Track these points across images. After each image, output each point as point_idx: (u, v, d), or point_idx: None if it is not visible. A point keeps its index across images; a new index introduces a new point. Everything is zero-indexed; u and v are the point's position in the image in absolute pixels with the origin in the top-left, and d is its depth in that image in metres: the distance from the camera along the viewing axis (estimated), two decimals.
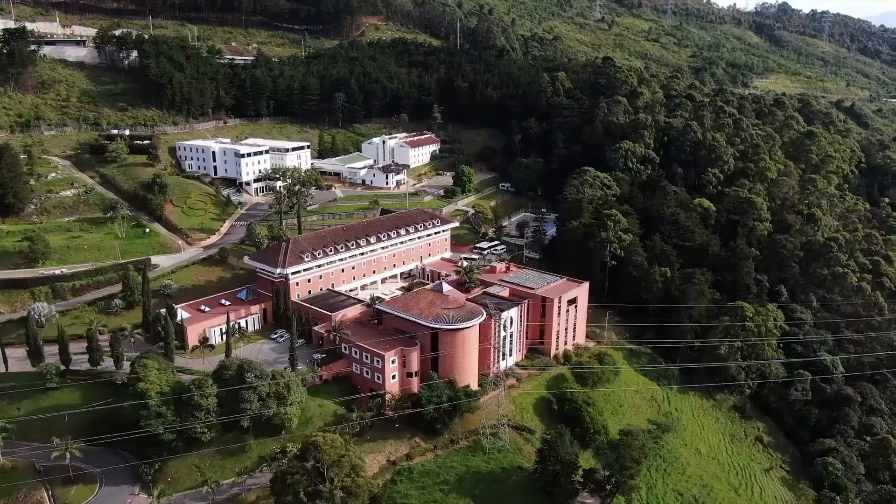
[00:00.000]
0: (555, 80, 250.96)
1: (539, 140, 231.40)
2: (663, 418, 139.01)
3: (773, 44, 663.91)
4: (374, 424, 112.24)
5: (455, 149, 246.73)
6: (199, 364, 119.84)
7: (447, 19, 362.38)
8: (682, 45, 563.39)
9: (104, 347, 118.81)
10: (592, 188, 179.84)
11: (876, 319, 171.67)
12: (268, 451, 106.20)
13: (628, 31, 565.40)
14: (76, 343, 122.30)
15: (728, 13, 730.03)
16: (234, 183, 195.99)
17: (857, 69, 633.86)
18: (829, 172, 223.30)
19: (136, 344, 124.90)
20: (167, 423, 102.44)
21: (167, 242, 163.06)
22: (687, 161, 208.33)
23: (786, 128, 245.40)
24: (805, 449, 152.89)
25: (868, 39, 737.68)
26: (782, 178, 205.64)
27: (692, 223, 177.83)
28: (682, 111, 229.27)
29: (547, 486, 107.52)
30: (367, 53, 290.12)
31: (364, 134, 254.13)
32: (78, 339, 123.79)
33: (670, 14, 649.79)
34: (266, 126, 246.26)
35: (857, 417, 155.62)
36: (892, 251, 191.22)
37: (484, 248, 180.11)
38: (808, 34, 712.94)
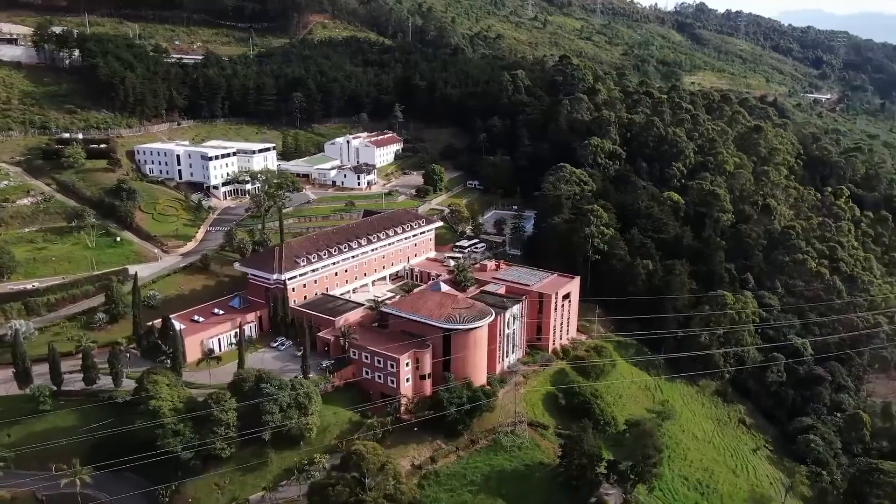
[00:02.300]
0: (514, 78, 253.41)
1: (503, 138, 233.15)
2: (660, 406, 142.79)
3: (694, 42, 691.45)
4: (393, 429, 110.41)
5: (418, 148, 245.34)
6: (205, 377, 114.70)
7: (394, 18, 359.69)
8: (613, 44, 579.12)
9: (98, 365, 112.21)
10: (569, 184, 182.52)
11: (836, 302, 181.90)
12: (290, 463, 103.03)
13: (562, 30, 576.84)
14: (63, 361, 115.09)
15: (651, 13, 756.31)
16: (201, 187, 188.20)
17: (772, 66, 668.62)
18: (776, 164, 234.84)
19: (131, 359, 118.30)
20: (185, 441, 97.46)
21: (142, 251, 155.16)
22: (650, 156, 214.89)
23: (734, 122, 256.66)
24: (784, 428, 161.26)
25: (780, 38, 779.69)
26: (739, 171, 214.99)
27: (665, 216, 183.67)
28: (642, 107, 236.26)
29: (571, 480, 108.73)
30: (321, 52, 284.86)
31: (324, 134, 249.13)
32: (63, 356, 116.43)
33: (599, 13, 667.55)
34: (222, 127, 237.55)
35: (828, 395, 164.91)
36: (843, 237, 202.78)
37: (465, 247, 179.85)
38: (726, 33, 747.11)
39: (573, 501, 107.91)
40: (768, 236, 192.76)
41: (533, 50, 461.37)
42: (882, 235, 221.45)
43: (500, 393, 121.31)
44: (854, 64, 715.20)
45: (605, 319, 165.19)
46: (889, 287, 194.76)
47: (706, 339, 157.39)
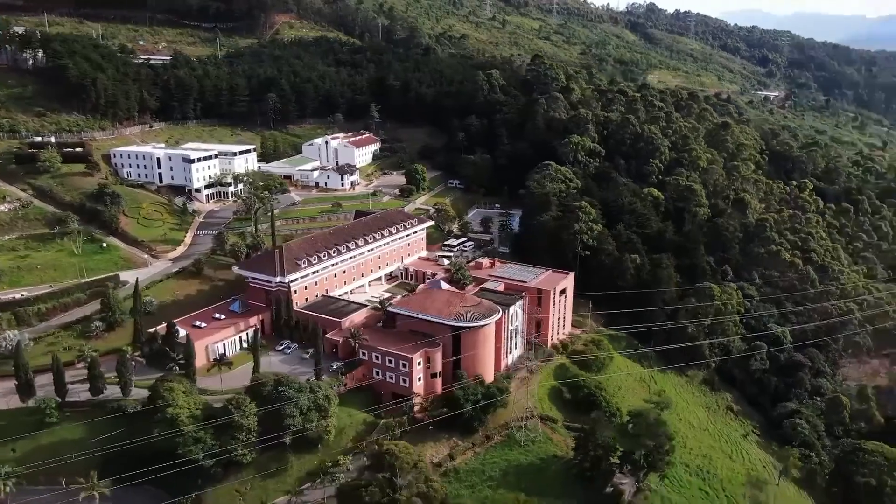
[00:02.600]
0: (489, 77, 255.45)
1: (481, 137, 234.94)
2: (656, 397, 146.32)
3: (647, 41, 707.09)
4: (410, 429, 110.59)
5: (395, 148, 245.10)
6: (215, 383, 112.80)
7: (360, 18, 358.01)
8: (570, 43, 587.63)
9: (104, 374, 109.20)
10: (555, 182, 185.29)
11: (810, 291, 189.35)
12: (309, 466, 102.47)
13: (520, 30, 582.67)
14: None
15: (604, 13, 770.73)
16: (182, 190, 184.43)
17: (722, 65, 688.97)
18: (744, 160, 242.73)
19: (136, 367, 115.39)
20: (207, 448, 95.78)
21: (131, 257, 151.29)
22: (628, 153, 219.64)
23: (702, 119, 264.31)
24: (768, 414, 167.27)
25: (727, 37, 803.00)
26: (711, 167, 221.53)
27: (647, 212, 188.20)
28: (617, 106, 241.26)
29: (586, 472, 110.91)
30: (293, 52, 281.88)
31: (300, 135, 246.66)
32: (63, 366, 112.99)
33: (555, 13, 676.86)
34: (195, 129, 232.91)
35: (808, 381, 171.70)
36: (812, 229, 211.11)
37: (454, 246, 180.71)
38: (677, 32, 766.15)
39: (588, 492, 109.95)
40: (744, 229, 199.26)
41: (495, 49, 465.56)
42: (845, 226, 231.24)
43: (512, 388, 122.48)
44: (798, 62, 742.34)
45: (596, 314, 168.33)
46: (857, 276, 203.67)
47: (694, 331, 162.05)
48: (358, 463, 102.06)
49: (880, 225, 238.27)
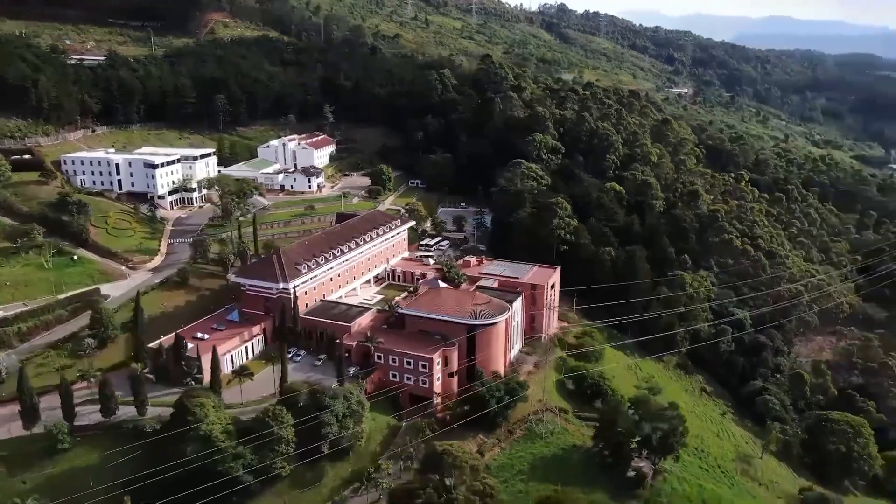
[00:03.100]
0: (442, 77, 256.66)
1: (440, 136, 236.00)
2: (644, 383, 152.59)
3: (562, 41, 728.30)
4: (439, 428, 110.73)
5: (351, 149, 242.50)
6: (235, 395, 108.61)
7: (296, 17, 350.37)
8: (493, 42, 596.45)
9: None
10: (527, 179, 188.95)
11: (763, 276, 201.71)
12: (343, 474, 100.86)
13: (443, 30, 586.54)
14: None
15: (520, 13, 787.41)
16: (144, 198, 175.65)
17: (634, 63, 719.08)
18: (686, 154, 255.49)
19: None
20: (247, 463, 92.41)
21: (107, 269, 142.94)
22: (585, 150, 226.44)
23: (645, 116, 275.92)
24: (737, 392, 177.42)
25: (635, 37, 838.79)
26: (661, 161, 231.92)
27: (614, 206, 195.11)
28: (570, 104, 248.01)
29: (607, 459, 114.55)
30: (236, 52, 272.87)
31: (251, 137, 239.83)
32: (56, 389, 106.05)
33: (474, 13, 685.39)
34: (140, 133, 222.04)
35: (770, 360, 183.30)
36: (756, 217, 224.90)
37: (431, 245, 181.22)
38: (589, 32, 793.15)
39: (611, 478, 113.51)
40: (698, 220, 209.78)
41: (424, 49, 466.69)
42: (781, 214, 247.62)
43: (529, 382, 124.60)
44: (701, 61, 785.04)
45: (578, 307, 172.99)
46: (799, 260, 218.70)
47: (669, 319, 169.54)
48: (395, 467, 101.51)
49: (809, 212, 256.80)
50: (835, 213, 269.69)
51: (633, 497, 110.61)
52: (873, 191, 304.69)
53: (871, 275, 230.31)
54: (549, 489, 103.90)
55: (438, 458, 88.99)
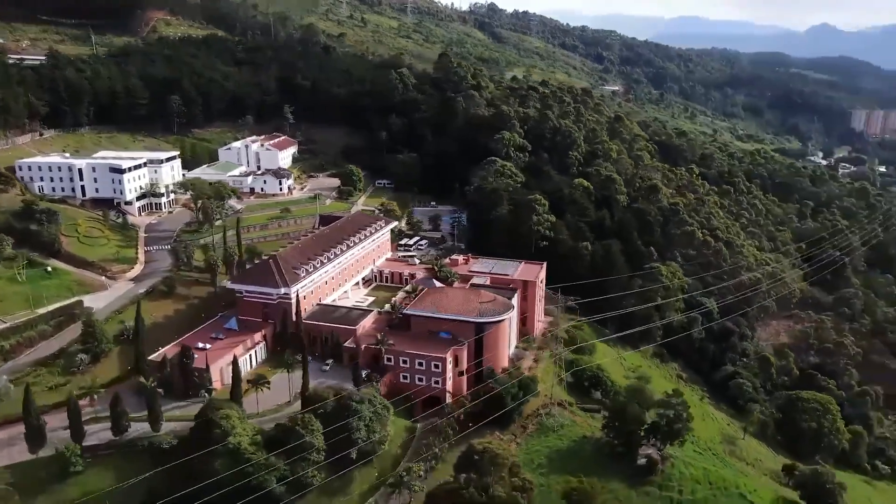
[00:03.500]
0: (402, 76, 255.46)
1: (404, 136, 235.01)
2: (633, 373, 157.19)
3: (495, 40, 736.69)
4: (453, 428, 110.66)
5: (314, 149, 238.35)
6: (250, 405, 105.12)
7: (241, 15, 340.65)
8: (430, 42, 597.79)
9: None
10: (502, 177, 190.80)
11: (724, 266, 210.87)
12: (369, 478, 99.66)
13: (380, 28, 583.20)
14: (56, 413, 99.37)
15: (452, 12, 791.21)
16: (110, 203, 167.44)
17: (565, 62, 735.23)
18: (640, 149, 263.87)
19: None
20: (281, 474, 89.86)
21: (85, 280, 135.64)
22: (549, 147, 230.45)
23: (599, 113, 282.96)
24: (710, 377, 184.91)
25: (565, 36, 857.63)
26: (621, 157, 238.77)
27: (585, 201, 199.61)
28: (532, 102, 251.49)
29: (617, 447, 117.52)
30: (186, 51, 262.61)
31: (208, 139, 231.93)
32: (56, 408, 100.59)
33: (409, 12, 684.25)
34: (91, 136, 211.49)
35: (738, 345, 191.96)
36: (711, 209, 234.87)
37: (410, 245, 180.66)
38: (520, 31, 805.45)
39: (624, 466, 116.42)
40: (661, 213, 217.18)
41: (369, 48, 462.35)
42: (731, 206, 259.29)
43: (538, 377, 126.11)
44: (628, 59, 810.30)
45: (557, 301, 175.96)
46: (753, 249, 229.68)
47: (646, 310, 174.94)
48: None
49: (755, 203, 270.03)
50: (777, 203, 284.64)
51: (648, 483, 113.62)
52: (806, 182, 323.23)
53: (814, 262, 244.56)
54: (570, 481, 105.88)
55: (479, 456, 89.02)
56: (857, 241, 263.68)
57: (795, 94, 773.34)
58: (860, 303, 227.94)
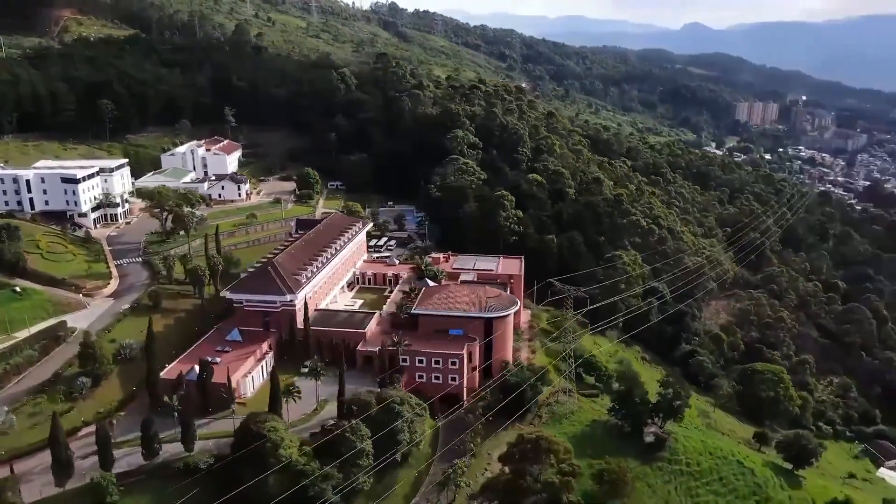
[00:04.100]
0: (343, 76, 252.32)
1: (351, 137, 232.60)
2: (611, 357, 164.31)
3: (401, 39, 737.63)
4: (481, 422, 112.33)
5: (258, 153, 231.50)
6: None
7: (154, 14, 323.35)
8: (340, 41, 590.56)
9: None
10: (466, 174, 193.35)
11: (669, 250, 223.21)
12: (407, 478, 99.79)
13: (288, 28, 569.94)
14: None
15: (355, 11, 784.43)
16: (63, 216, 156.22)
17: (471, 60, 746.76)
18: (576, 144, 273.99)
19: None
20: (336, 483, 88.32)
21: (60, 300, 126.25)
22: (497, 144, 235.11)
23: (532, 109, 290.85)
24: (669, 357, 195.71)
25: (467, 35, 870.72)
26: (564, 152, 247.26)
27: (543, 196, 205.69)
28: (477, 100, 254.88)
29: (625, 427, 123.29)
30: (109, 52, 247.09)
31: (145, 145, 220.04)
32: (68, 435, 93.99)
33: (314, 11, 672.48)
34: (16, 145, 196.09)
35: (691, 325, 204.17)
36: (650, 199, 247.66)
37: (380, 246, 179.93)
38: (424, 31, 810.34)
39: (632, 444, 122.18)
40: (608, 205, 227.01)
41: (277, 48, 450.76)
42: (661, 195, 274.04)
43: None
44: (529, 57, 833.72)
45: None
46: (690, 235, 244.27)
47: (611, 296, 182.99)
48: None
49: (682, 192, 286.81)
50: (699, 192, 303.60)
51: (658, 459, 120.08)
52: (718, 170, 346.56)
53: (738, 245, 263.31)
54: (594, 464, 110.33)
55: (532, 445, 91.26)
56: (771, 223, 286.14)
57: (683, 88, 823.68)
58: (785, 280, 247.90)
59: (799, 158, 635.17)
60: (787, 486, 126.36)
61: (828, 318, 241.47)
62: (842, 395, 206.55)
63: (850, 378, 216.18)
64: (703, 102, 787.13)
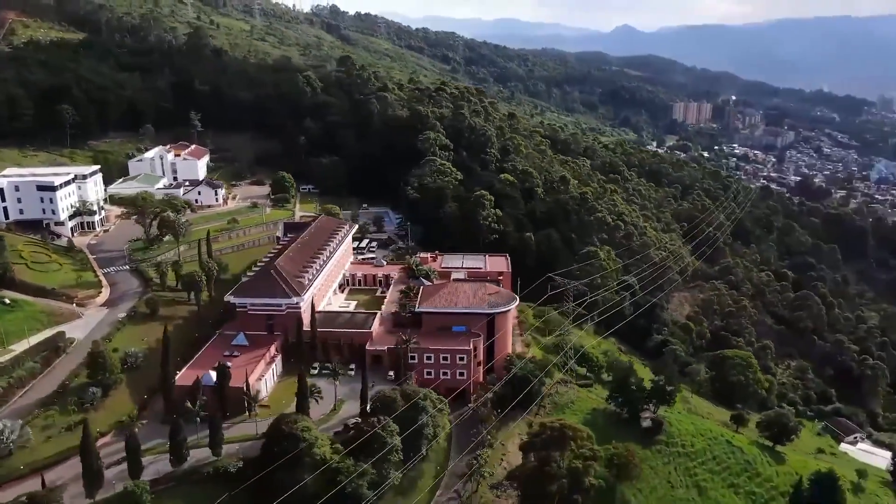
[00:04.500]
0: (309, 79, 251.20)
1: (320, 140, 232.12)
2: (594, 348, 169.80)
3: (345, 42, 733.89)
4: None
5: (226, 157, 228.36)
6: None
7: (104, 17, 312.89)
8: (286, 45, 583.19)
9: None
10: (443, 175, 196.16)
11: (635, 244, 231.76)
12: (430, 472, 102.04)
13: (232, 31, 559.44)
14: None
15: (297, 13, 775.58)
16: (39, 225, 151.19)
17: (416, 63, 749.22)
18: (538, 144, 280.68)
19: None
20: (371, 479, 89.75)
21: (53, 310, 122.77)
22: (467, 145, 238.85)
23: (495, 111, 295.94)
24: (643, 347, 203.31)
25: (410, 38, 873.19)
26: (530, 152, 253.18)
27: (517, 195, 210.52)
28: (445, 102, 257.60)
29: (623, 414, 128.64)
30: (64, 56, 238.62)
31: (108, 151, 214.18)
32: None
33: (257, 14, 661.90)
34: None
35: (661, 316, 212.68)
36: (613, 196, 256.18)
37: (362, 248, 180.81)
38: (367, 33, 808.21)
39: (631, 429, 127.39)
40: (576, 202, 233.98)
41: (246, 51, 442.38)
42: (621, 192, 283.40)
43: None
44: (472, 60, 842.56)
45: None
46: (653, 230, 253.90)
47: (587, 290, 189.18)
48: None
49: (639, 189, 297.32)
50: (653, 188, 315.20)
51: (656, 442, 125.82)
52: (669, 168, 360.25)
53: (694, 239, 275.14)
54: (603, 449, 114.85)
55: (555, 432, 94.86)
56: (723, 218, 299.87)
57: (622, 89, 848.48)
58: (740, 271, 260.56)
59: (734, 155, 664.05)
60: (773, 462, 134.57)
61: (780, 305, 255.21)
62: (800, 377, 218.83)
63: (806, 361, 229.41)
64: (641, 103, 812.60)
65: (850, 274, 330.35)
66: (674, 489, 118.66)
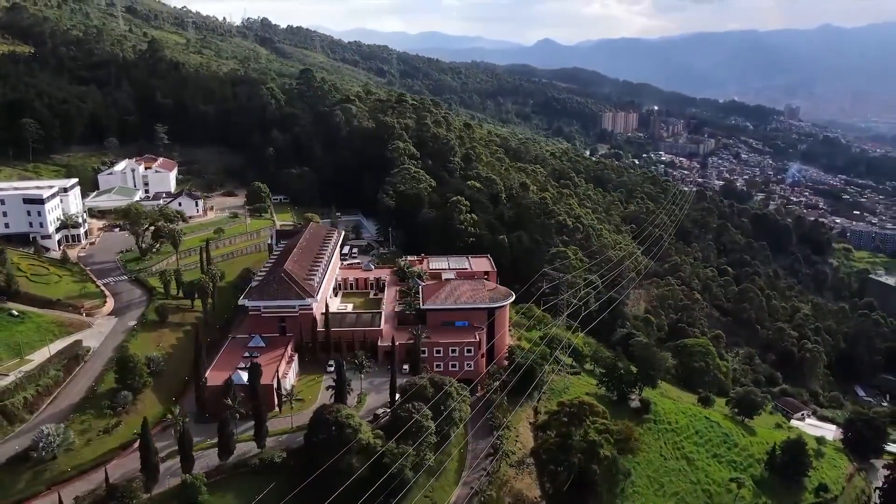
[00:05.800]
0: (272, 92, 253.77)
1: (289, 151, 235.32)
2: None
3: (279, 55, 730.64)
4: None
5: (194, 170, 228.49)
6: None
7: (48, 29, 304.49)
8: (222, 58, 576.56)
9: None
10: (418, 182, 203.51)
11: (594, 245, 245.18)
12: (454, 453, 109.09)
13: (168, 44, 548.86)
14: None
15: (228, 26, 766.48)
16: (25, 239, 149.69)
17: (351, 76, 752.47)
18: (494, 153, 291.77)
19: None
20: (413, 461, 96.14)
21: (65, 321, 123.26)
22: (431, 154, 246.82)
23: (453, 120, 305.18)
24: (608, 340, 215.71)
25: (344, 51, 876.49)
26: (490, 160, 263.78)
27: (486, 200, 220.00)
28: (408, 113, 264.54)
29: (612, 396, 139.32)
30: (19, 70, 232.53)
31: (72, 165, 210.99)
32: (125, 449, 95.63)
33: (191, 27, 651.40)
34: None
35: (623, 311, 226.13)
36: (569, 200, 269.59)
37: (345, 254, 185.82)
38: (301, 47, 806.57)
39: (622, 409, 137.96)
40: (537, 207, 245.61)
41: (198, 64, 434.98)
42: (574, 197, 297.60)
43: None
44: (407, 73, 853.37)
45: None
46: (608, 232, 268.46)
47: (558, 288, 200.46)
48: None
49: (589, 194, 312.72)
50: (601, 193, 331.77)
51: (646, 421, 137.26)
52: (612, 174, 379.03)
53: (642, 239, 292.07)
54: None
55: (578, 409, 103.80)
56: (666, 219, 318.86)
57: (553, 101, 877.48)
58: (688, 268, 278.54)
59: (662, 162, 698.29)
60: (746, 434, 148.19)
61: (725, 298, 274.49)
62: (748, 363, 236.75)
63: (751, 348, 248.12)
64: (572, 113, 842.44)
65: (778, 269, 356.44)
66: (666, 461, 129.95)
